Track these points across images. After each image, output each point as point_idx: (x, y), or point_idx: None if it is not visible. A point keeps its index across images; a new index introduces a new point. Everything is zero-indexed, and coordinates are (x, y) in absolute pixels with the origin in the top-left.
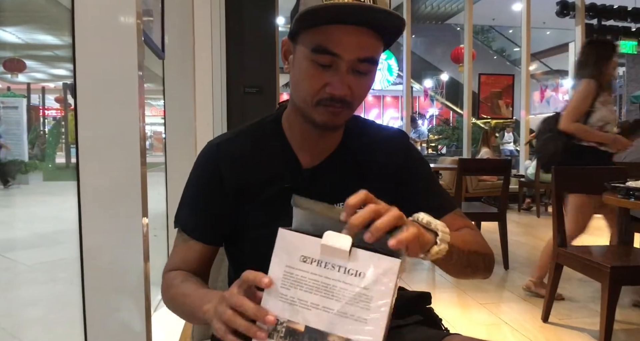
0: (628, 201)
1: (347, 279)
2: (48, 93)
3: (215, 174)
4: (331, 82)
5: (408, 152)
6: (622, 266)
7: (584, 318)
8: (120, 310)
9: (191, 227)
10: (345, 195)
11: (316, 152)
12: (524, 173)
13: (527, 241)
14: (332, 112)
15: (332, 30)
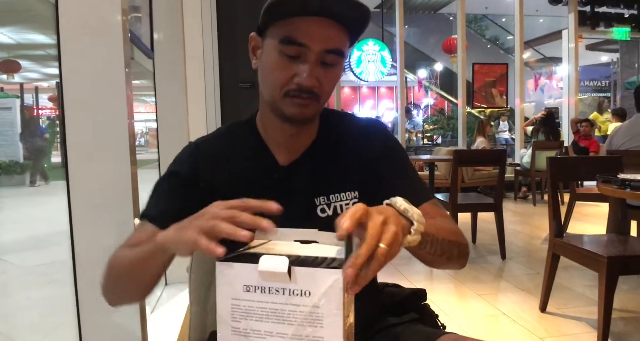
0: (624, 192)
1: (294, 301)
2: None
3: (193, 171)
4: (299, 72)
5: (384, 142)
6: (619, 256)
7: (582, 307)
8: (114, 312)
9: (155, 215)
10: (322, 189)
11: (292, 149)
12: (520, 161)
13: (524, 230)
14: (301, 104)
15: (300, 21)
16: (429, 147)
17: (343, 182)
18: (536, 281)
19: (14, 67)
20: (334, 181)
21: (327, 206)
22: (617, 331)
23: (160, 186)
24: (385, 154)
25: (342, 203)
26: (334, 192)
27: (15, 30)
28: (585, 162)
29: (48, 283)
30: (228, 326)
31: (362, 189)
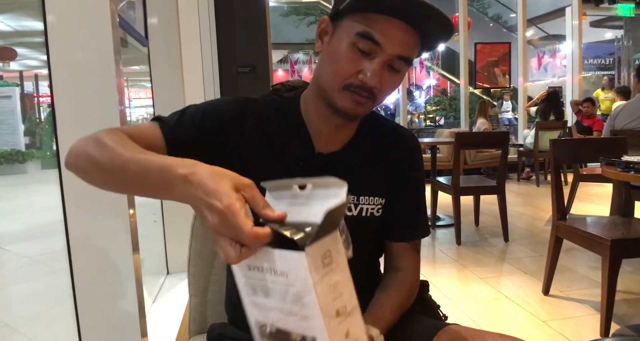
0: (628, 175)
1: (278, 280)
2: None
3: (240, 119)
4: (365, 69)
5: (413, 160)
6: (622, 238)
7: (585, 289)
8: (112, 303)
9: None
10: (354, 188)
11: (330, 140)
12: (523, 142)
13: (527, 212)
14: (356, 101)
15: (382, 20)
16: (432, 129)
17: (374, 186)
18: (539, 263)
19: (9, 55)
20: (366, 183)
21: (355, 206)
22: (621, 314)
23: (192, 109)
24: (408, 172)
25: (369, 207)
26: (364, 194)
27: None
28: (589, 144)
29: (51, 273)
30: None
31: (387, 196)
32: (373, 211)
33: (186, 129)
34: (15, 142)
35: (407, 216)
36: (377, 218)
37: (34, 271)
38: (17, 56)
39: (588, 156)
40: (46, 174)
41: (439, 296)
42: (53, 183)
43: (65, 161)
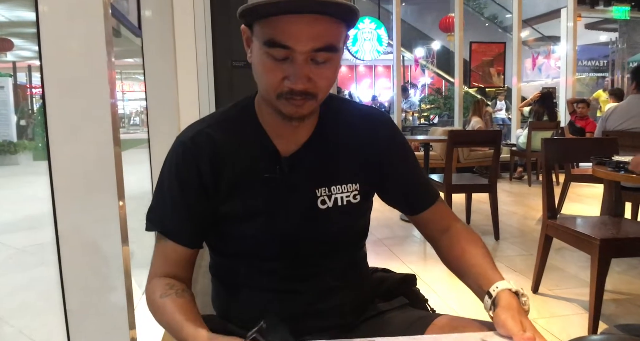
0: (618, 174)
1: None
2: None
3: (195, 173)
4: (288, 75)
5: (391, 136)
6: (611, 238)
7: (574, 288)
8: (100, 295)
9: (171, 230)
10: (324, 181)
11: (293, 140)
12: (516, 141)
13: (518, 211)
14: (296, 105)
15: (282, 21)
16: (425, 127)
17: (344, 174)
18: (529, 262)
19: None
20: (336, 172)
21: (328, 197)
22: (609, 313)
23: (164, 194)
24: (392, 150)
25: (343, 195)
26: (335, 184)
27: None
28: (580, 144)
29: (40, 264)
30: None
31: (362, 181)
32: (349, 199)
33: (182, 217)
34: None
35: (415, 185)
36: (355, 204)
37: (23, 263)
38: (13, 47)
39: (579, 155)
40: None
41: (428, 292)
42: (44, 174)
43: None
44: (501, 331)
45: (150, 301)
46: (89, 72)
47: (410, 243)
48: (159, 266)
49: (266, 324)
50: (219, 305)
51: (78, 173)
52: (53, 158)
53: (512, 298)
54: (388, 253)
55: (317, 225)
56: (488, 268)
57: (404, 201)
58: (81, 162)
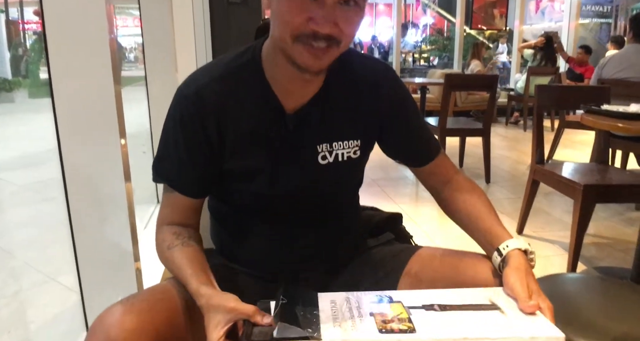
0: (605, 123)
1: None
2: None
3: (200, 129)
4: (315, 16)
5: (395, 91)
6: (594, 184)
7: (557, 231)
8: (106, 229)
9: (177, 183)
10: (326, 137)
11: (300, 95)
12: (514, 86)
13: (511, 156)
14: (314, 55)
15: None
16: (424, 70)
17: (347, 130)
18: (517, 205)
19: None
20: (339, 128)
21: (329, 153)
22: (589, 256)
23: (169, 147)
24: (395, 106)
25: (344, 151)
26: (337, 140)
27: None
28: (573, 92)
29: (43, 200)
30: None
31: (364, 137)
32: (350, 154)
33: (188, 171)
34: (1, 70)
35: (417, 139)
36: (354, 159)
37: (27, 199)
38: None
39: (572, 103)
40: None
41: (418, 233)
42: (41, 112)
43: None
44: (509, 292)
45: (159, 251)
46: (86, 8)
47: (403, 184)
48: (166, 215)
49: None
50: (218, 242)
51: (80, 112)
52: (56, 95)
53: (521, 257)
54: (381, 193)
55: (317, 180)
56: (495, 223)
57: (406, 155)
58: (83, 100)
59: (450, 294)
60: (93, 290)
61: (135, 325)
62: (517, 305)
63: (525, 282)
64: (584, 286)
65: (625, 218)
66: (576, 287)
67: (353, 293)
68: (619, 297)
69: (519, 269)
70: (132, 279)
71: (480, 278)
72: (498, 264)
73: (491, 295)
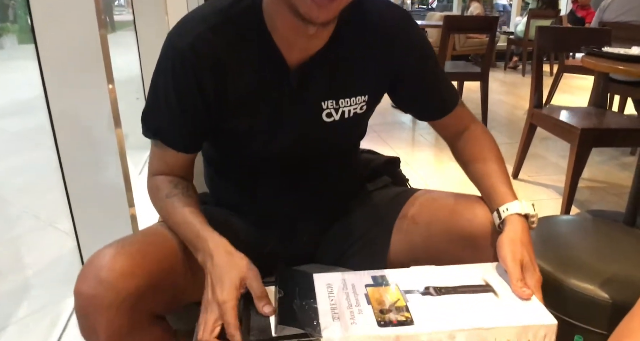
0: (606, 65)
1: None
2: None
3: (194, 86)
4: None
5: (412, 41)
6: (592, 128)
7: (552, 175)
8: (98, 176)
9: (169, 138)
10: (332, 93)
11: (305, 49)
12: (514, 30)
13: (509, 101)
14: (320, 4)
15: None
16: (423, 12)
17: (355, 86)
18: (513, 150)
19: None
20: (346, 84)
21: (335, 110)
22: (582, 199)
23: (160, 100)
24: (411, 57)
25: (351, 108)
26: (344, 97)
27: None
28: (574, 33)
29: (36, 147)
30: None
31: (373, 92)
32: (356, 111)
33: (180, 127)
34: None
35: (433, 92)
36: (360, 115)
37: (20, 146)
38: None
39: (572, 45)
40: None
41: (414, 177)
42: (30, 58)
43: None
44: (502, 265)
45: (155, 198)
46: None
47: (400, 129)
48: (158, 167)
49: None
50: (212, 188)
51: (65, 57)
52: (39, 42)
53: (518, 224)
54: (377, 138)
55: (320, 138)
56: (500, 181)
57: (420, 109)
58: (67, 46)
59: (446, 272)
60: (88, 235)
61: (126, 266)
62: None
63: (518, 255)
64: (577, 227)
65: (620, 162)
66: (569, 229)
67: (348, 274)
68: (610, 238)
69: (514, 239)
70: (128, 224)
71: (477, 222)
72: (497, 224)
73: (485, 272)
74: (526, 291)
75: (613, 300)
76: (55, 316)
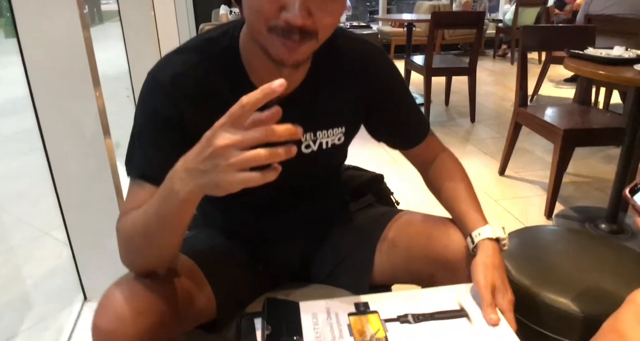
0: (587, 70)
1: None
2: None
3: (175, 114)
4: (286, 4)
5: (387, 76)
6: (575, 129)
7: (538, 171)
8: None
9: (153, 174)
10: (310, 126)
11: None
12: (502, 18)
13: (497, 92)
14: (289, 48)
15: None
16: (412, 1)
17: (332, 118)
18: (500, 145)
19: None
20: (323, 117)
21: (313, 142)
22: (567, 195)
23: (142, 134)
24: (385, 91)
25: (329, 139)
26: (322, 129)
27: None
28: (559, 32)
29: (30, 151)
30: None
31: (349, 124)
32: (334, 141)
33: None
34: None
35: (406, 123)
36: (339, 145)
37: (12, 150)
38: None
39: (557, 44)
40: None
41: (402, 176)
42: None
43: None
44: (476, 289)
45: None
46: None
47: None
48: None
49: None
50: (200, 212)
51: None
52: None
53: (489, 248)
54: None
55: (300, 169)
56: (471, 208)
57: (393, 139)
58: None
59: (424, 296)
60: (83, 245)
61: (143, 303)
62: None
63: (490, 279)
64: (556, 239)
65: (604, 154)
66: (548, 241)
67: (332, 302)
68: (588, 250)
69: (486, 263)
70: None
71: (452, 248)
72: (472, 249)
73: (460, 295)
74: (494, 318)
75: (585, 314)
76: (58, 328)
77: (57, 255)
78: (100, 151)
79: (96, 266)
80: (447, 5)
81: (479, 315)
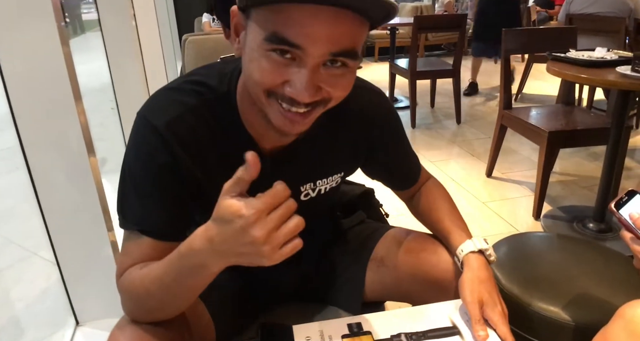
0: (569, 74)
1: None
2: None
3: (171, 160)
4: (292, 80)
5: (388, 124)
6: (559, 130)
7: (525, 171)
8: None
9: (151, 227)
10: (310, 177)
11: (279, 140)
12: None
13: (482, 91)
14: (290, 120)
15: (294, 11)
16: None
17: (332, 166)
18: (487, 145)
19: None
20: (323, 167)
21: (312, 190)
22: (554, 195)
23: (137, 182)
24: (385, 139)
25: (327, 185)
26: (322, 177)
27: None
28: (540, 35)
29: (16, 169)
30: None
31: (348, 168)
32: (332, 185)
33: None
34: None
35: (401, 168)
36: (336, 187)
37: None
38: None
39: (539, 46)
40: None
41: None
42: None
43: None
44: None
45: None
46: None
47: None
48: (132, 262)
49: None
50: None
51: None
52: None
53: (475, 262)
54: None
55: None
56: (453, 224)
57: (388, 181)
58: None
59: (416, 313)
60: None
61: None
62: None
63: (476, 294)
64: (546, 246)
65: (590, 152)
66: (537, 248)
67: (325, 324)
68: (577, 257)
69: (472, 279)
70: (109, 251)
71: (440, 267)
72: (460, 266)
73: (452, 311)
74: (482, 335)
75: (577, 322)
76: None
77: (47, 276)
78: (85, 168)
79: (86, 288)
80: (430, 7)
81: (470, 330)
